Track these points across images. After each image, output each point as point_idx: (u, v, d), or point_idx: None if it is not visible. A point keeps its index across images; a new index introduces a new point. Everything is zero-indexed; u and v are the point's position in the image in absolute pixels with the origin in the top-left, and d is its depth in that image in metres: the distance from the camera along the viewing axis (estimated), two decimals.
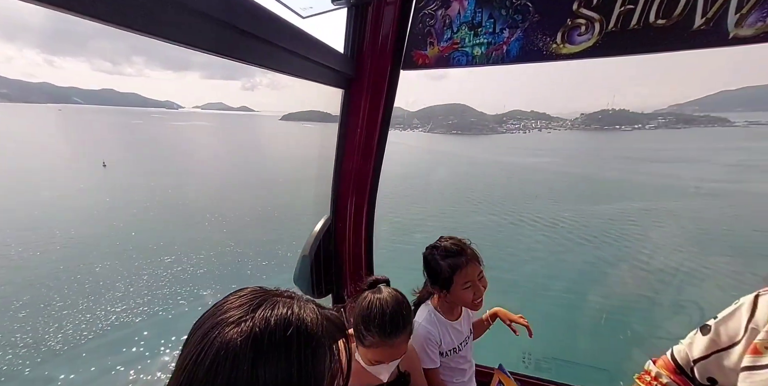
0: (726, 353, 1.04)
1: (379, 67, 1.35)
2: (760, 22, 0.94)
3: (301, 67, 1.05)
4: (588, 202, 29.72)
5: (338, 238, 1.48)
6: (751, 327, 0.99)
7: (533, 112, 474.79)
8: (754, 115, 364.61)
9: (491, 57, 1.34)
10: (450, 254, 1.12)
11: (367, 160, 1.48)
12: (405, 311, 0.97)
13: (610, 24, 1.12)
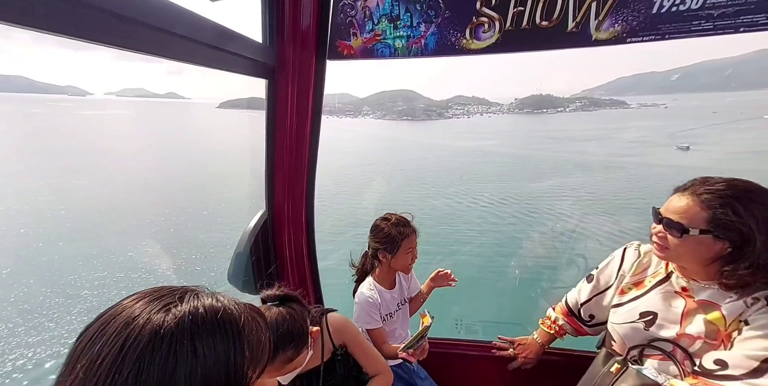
0: (603, 295, 1.32)
1: (304, 57, 1.33)
2: (611, 27, 1.15)
3: (212, 57, 0.99)
4: (524, 180, 33.10)
5: (277, 232, 1.48)
6: (620, 274, 1.27)
7: (474, 97, 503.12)
8: (643, 98, 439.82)
9: (412, 50, 1.41)
10: (401, 224, 1.38)
11: (301, 151, 1.48)
12: (282, 335, 0.88)
13: (507, 23, 1.26)
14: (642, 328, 1.10)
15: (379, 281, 1.44)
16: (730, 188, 0.94)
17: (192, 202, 25.23)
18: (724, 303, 0.97)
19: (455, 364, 1.58)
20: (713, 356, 0.95)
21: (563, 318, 1.43)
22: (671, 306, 1.07)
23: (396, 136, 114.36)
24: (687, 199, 0.98)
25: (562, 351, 1.45)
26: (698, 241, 0.95)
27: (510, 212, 22.56)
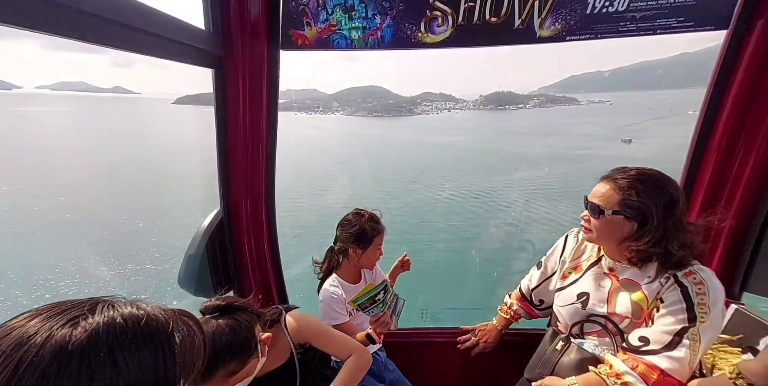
0: (549, 280, 1.42)
1: (255, 46, 1.26)
2: (553, 25, 1.22)
3: (151, 44, 0.91)
4: (492, 173, 34.61)
5: (234, 232, 1.41)
6: (562, 259, 1.37)
7: (441, 94, 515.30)
8: (591, 95, 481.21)
9: (368, 42, 1.39)
10: (374, 220, 1.39)
11: (257, 146, 1.41)
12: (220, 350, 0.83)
13: (459, 18, 1.29)
14: (580, 308, 1.20)
15: (342, 276, 1.43)
16: (639, 174, 1.06)
17: (143, 205, 23.26)
18: (643, 283, 1.08)
19: (422, 352, 1.63)
20: (638, 333, 1.06)
21: (517, 303, 1.53)
22: (600, 285, 1.18)
23: (368, 132, 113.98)
24: (607, 185, 1.09)
25: (517, 331, 1.55)
26: (612, 221, 1.06)
27: (476, 203, 23.58)
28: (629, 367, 1.01)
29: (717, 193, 1.29)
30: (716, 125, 1.24)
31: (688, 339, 0.97)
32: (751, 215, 1.25)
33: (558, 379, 1.14)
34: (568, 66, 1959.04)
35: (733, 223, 1.27)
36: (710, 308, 0.98)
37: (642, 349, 1.03)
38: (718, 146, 1.25)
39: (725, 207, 1.27)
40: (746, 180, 1.22)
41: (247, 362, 0.88)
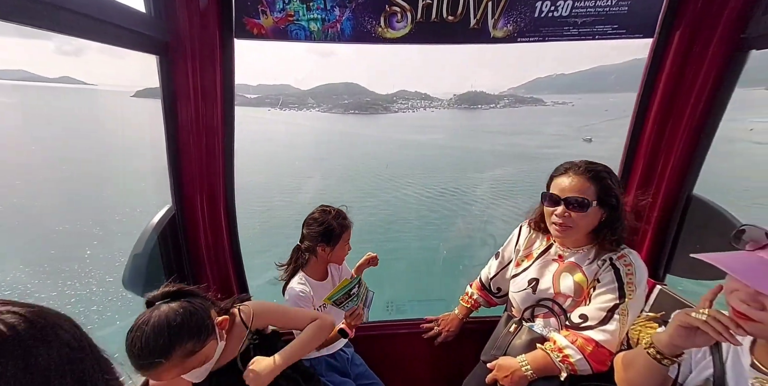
0: (506, 269, 1.50)
1: (205, 33, 1.19)
2: (505, 26, 1.28)
3: (87, 27, 0.84)
4: (468, 170, 35.54)
5: (189, 230, 1.34)
6: (517, 249, 1.45)
7: (417, 92, 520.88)
8: (556, 96, 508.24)
9: (328, 34, 1.37)
10: (341, 216, 1.36)
11: (213, 139, 1.34)
12: (174, 329, 0.80)
13: (418, 15, 1.31)
14: (531, 293, 1.29)
15: (310, 274, 1.41)
16: (599, 165, 1.15)
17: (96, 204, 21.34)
18: (584, 265, 1.18)
19: (388, 344, 1.65)
20: (578, 311, 1.16)
21: (477, 293, 1.60)
22: (547, 270, 1.27)
23: (345, 129, 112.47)
24: (576, 178, 1.13)
25: (477, 319, 1.63)
26: (594, 212, 1.12)
27: (449, 200, 24.21)
28: (570, 342, 1.11)
29: (648, 186, 1.44)
30: (645, 125, 1.38)
31: (618, 314, 1.08)
32: (673, 207, 1.40)
33: (510, 358, 1.22)
34: (534, 68, 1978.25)
35: (660, 214, 1.41)
36: (636, 286, 1.10)
37: (582, 326, 1.13)
38: (647, 144, 1.39)
39: (653, 199, 1.42)
40: (669, 175, 1.37)
41: (205, 343, 0.85)
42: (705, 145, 1.31)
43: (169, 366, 0.80)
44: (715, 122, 1.27)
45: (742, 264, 0.68)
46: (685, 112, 1.29)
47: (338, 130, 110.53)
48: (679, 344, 0.77)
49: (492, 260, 1.56)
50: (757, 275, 0.65)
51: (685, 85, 1.28)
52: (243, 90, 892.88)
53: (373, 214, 19.28)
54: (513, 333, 1.30)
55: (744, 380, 0.74)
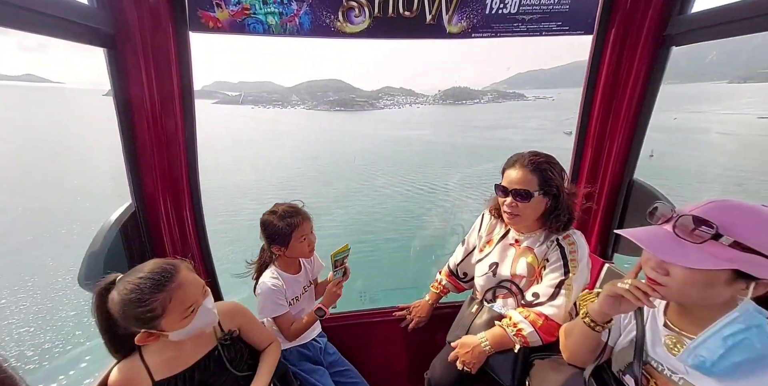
0: (471, 255, 1.57)
1: (157, 26, 1.17)
2: (459, 22, 1.32)
3: (24, 18, 0.82)
4: (457, 166, 35.68)
5: (153, 227, 1.33)
6: (480, 235, 1.53)
7: (402, 88, 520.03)
8: (537, 91, 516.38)
9: (287, 28, 1.38)
10: (287, 215, 1.31)
11: (173, 136, 1.33)
12: (158, 267, 0.90)
13: (375, 10, 1.33)
14: (491, 276, 1.37)
15: (282, 268, 1.41)
16: (542, 157, 1.23)
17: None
18: (535, 247, 1.27)
19: (362, 333, 1.70)
20: (531, 290, 1.25)
21: (446, 279, 1.67)
22: (506, 254, 1.36)
23: (332, 127, 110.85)
24: (521, 171, 1.21)
25: (446, 304, 1.70)
26: (538, 201, 1.21)
27: (436, 196, 24.41)
28: (523, 317, 1.20)
29: (596, 173, 1.54)
30: (591, 118, 1.48)
31: (564, 289, 1.18)
32: (617, 192, 1.51)
33: (471, 336, 1.30)
34: (515, 64, 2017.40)
35: (607, 197, 1.52)
36: (579, 262, 1.19)
37: (534, 302, 1.22)
38: (593, 135, 1.49)
39: (601, 185, 1.52)
40: (613, 162, 1.48)
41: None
42: (641, 134, 1.41)
43: (183, 273, 0.90)
44: (647, 114, 1.38)
45: (651, 237, 0.75)
46: (623, 105, 1.39)
47: (326, 127, 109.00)
48: (608, 311, 0.86)
49: (458, 248, 1.63)
50: (660, 245, 0.73)
51: (622, 80, 1.37)
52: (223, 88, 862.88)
53: (361, 210, 19.30)
54: (475, 313, 1.38)
55: (659, 338, 0.83)
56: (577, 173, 1.60)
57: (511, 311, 1.26)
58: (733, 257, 0.67)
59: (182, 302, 0.88)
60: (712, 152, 40.56)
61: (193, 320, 0.91)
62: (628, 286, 0.79)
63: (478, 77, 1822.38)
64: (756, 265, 0.66)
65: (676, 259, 0.70)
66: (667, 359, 0.81)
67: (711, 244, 0.69)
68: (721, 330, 0.68)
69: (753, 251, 0.67)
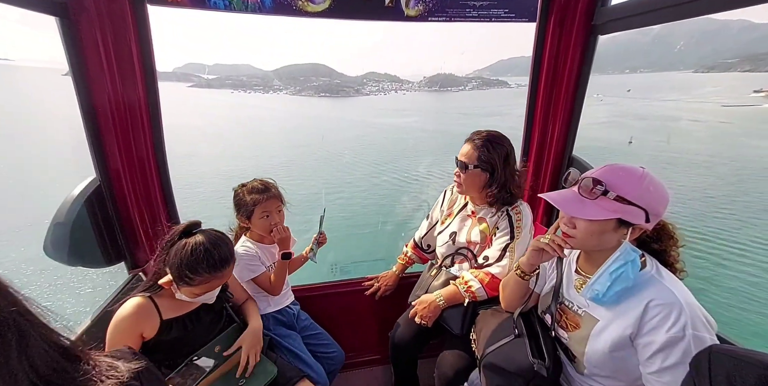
0: (434, 228, 1.70)
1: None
2: (416, 6, 1.37)
3: None
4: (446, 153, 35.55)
5: (118, 202, 1.36)
6: (442, 209, 1.66)
7: (387, 74, 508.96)
8: (518, 79, 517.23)
9: (248, 5, 1.39)
10: (255, 190, 1.38)
11: (135, 111, 1.34)
12: (228, 243, 1.09)
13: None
14: (451, 244, 1.51)
15: (254, 239, 1.49)
16: (487, 135, 1.36)
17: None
18: (488, 217, 1.42)
19: (333, 302, 1.82)
20: (483, 254, 1.40)
21: (411, 251, 1.80)
22: (464, 224, 1.50)
23: (319, 113, 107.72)
24: (468, 146, 1.36)
25: (411, 274, 1.83)
26: (474, 174, 1.35)
27: (439, 185, 24.48)
28: (473, 276, 1.35)
29: (542, 151, 1.71)
30: (537, 100, 1.62)
31: (509, 252, 1.33)
32: (560, 166, 1.68)
33: (429, 295, 1.44)
34: (496, 50, 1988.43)
35: (551, 171, 1.68)
36: (523, 229, 1.35)
37: (485, 264, 1.38)
38: (539, 116, 1.65)
39: (546, 162, 1.68)
40: (556, 140, 1.65)
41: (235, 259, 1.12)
42: (577, 115, 1.58)
43: (233, 265, 1.09)
44: (581, 97, 1.54)
45: (561, 197, 0.89)
46: (561, 88, 1.55)
47: (314, 114, 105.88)
48: (534, 262, 1.02)
49: (423, 222, 1.76)
50: (568, 203, 0.87)
51: (560, 66, 1.52)
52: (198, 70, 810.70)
53: (351, 199, 19.28)
54: (434, 276, 1.52)
55: (571, 282, 1.00)
56: (528, 152, 1.76)
57: (464, 272, 1.41)
58: (617, 209, 0.83)
59: (208, 288, 1.07)
60: (684, 139, 42.47)
61: (199, 297, 1.09)
62: (548, 240, 0.93)
63: (461, 64, 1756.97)
64: (632, 214, 0.83)
65: (577, 213, 0.86)
66: (576, 298, 0.97)
67: (602, 199, 0.85)
68: (608, 267, 0.84)
69: (631, 203, 0.83)
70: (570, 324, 0.97)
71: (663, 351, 0.79)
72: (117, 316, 1.01)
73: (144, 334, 1.04)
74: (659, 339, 0.79)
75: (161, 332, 1.06)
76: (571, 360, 0.99)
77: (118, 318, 1.01)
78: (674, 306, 0.79)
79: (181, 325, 1.10)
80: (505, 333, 1.09)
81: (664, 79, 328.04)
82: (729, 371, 0.61)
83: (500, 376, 1.00)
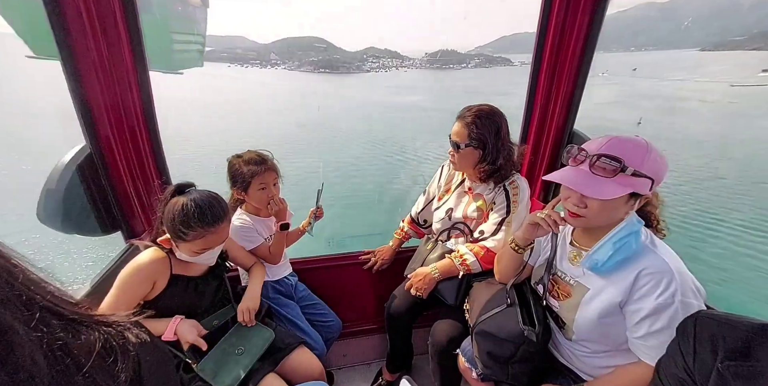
0: (431, 203, 1.68)
1: None
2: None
3: None
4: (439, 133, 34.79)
5: (111, 169, 1.33)
6: (439, 185, 1.64)
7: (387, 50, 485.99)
8: (521, 56, 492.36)
9: None
10: (252, 161, 1.34)
11: (123, 79, 1.28)
12: (221, 201, 1.09)
13: None
14: (447, 219, 1.50)
15: (250, 212, 1.47)
16: (477, 111, 1.31)
17: None
18: (485, 194, 1.40)
19: (330, 275, 1.85)
20: (479, 228, 1.40)
21: (408, 226, 1.80)
22: (461, 201, 1.48)
23: (321, 90, 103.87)
24: (459, 124, 1.32)
25: (408, 248, 1.85)
26: (467, 152, 1.32)
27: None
28: (468, 250, 1.36)
29: (543, 126, 1.68)
30: (539, 76, 1.59)
31: (505, 226, 1.33)
32: (560, 141, 1.65)
33: (424, 268, 1.46)
34: (498, 27, 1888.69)
35: (551, 147, 1.66)
36: (519, 203, 1.33)
37: (480, 238, 1.38)
38: (541, 92, 1.61)
39: (546, 138, 1.66)
40: (557, 115, 1.61)
41: (230, 218, 1.15)
42: (581, 89, 1.56)
43: (226, 223, 1.09)
44: (586, 72, 1.52)
45: (576, 178, 0.87)
46: (566, 62, 1.51)
47: (319, 91, 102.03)
48: (528, 236, 1.02)
49: (420, 197, 1.75)
50: (584, 184, 0.84)
51: (566, 37, 1.47)
52: None
53: (350, 176, 19.09)
54: (429, 250, 1.54)
55: (565, 253, 1.01)
56: (528, 128, 1.72)
57: (460, 246, 1.42)
58: (632, 183, 0.82)
59: (204, 244, 1.06)
60: (695, 119, 41.38)
61: (199, 256, 1.08)
62: (545, 216, 0.93)
63: (461, 40, 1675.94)
64: (643, 185, 0.82)
65: (597, 194, 0.82)
66: (569, 269, 0.97)
67: (620, 176, 0.82)
68: (612, 237, 0.84)
69: (644, 175, 0.81)
70: (561, 293, 0.99)
71: (650, 317, 0.81)
72: (134, 263, 1.03)
73: (156, 284, 1.07)
74: (648, 306, 0.81)
75: (169, 286, 1.09)
76: (560, 327, 1.02)
77: (135, 264, 1.03)
78: (665, 274, 0.80)
79: (185, 284, 1.13)
80: (497, 302, 1.11)
81: (670, 57, 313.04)
82: (712, 334, 0.62)
83: (491, 343, 1.03)
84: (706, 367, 0.61)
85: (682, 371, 0.64)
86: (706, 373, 0.60)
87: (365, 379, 1.86)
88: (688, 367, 0.63)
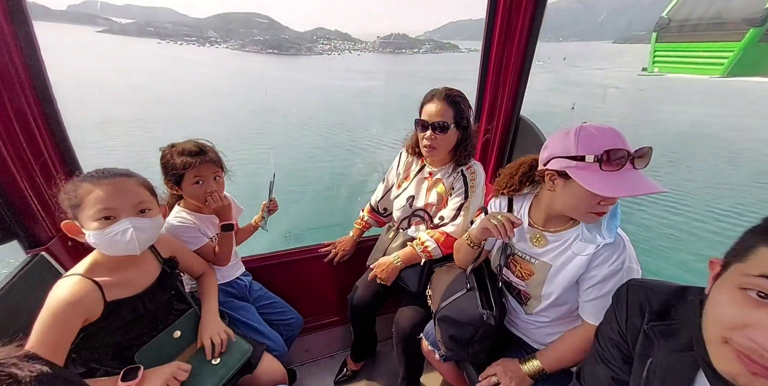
0: (390, 192, 1.64)
1: None
2: None
3: None
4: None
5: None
6: (398, 172, 1.60)
7: (337, 31, 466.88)
8: (468, 43, 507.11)
9: None
10: (186, 153, 1.19)
11: (4, 56, 1.00)
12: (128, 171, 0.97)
13: None
14: (408, 207, 1.49)
15: (190, 208, 1.32)
16: (454, 91, 1.29)
17: None
18: (444, 178, 1.40)
19: (288, 271, 1.75)
20: (439, 214, 1.41)
21: (368, 215, 1.76)
22: (421, 187, 1.47)
23: (273, 73, 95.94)
24: (439, 104, 1.26)
25: (368, 238, 1.82)
26: (453, 133, 1.30)
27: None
28: (429, 236, 1.37)
29: (493, 110, 1.72)
30: (489, 63, 1.62)
31: (463, 211, 1.35)
32: (509, 126, 1.75)
33: (387, 257, 1.45)
34: (445, 12, 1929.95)
35: (501, 132, 1.75)
36: (476, 187, 1.36)
37: (441, 224, 1.39)
38: (491, 79, 1.64)
39: (496, 122, 1.73)
40: (506, 102, 1.67)
41: (154, 195, 1.01)
42: (526, 76, 1.63)
43: (129, 179, 0.93)
44: (530, 58, 1.58)
45: (634, 182, 0.81)
46: (512, 53, 1.56)
47: (266, 74, 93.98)
48: (481, 237, 1.05)
49: (379, 185, 1.71)
50: (647, 184, 0.80)
51: (512, 30, 1.52)
52: (105, 11, 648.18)
53: (315, 164, 18.23)
54: (391, 238, 1.53)
55: (523, 235, 1.06)
56: (480, 112, 1.76)
57: (421, 232, 1.43)
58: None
59: (99, 201, 0.86)
60: (615, 104, 46.84)
61: (105, 229, 0.87)
62: (497, 222, 0.95)
63: (412, 24, 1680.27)
64: None
65: (658, 188, 0.79)
66: (529, 249, 1.03)
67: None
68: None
69: None
70: (524, 272, 1.05)
71: (601, 283, 0.90)
72: (51, 303, 0.83)
73: (87, 320, 0.88)
74: (602, 273, 0.90)
75: (105, 316, 0.90)
76: (521, 303, 1.09)
77: (52, 305, 0.82)
78: (619, 245, 0.89)
79: (130, 308, 0.95)
80: (458, 287, 1.15)
81: (591, 48, 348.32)
82: (641, 299, 0.69)
83: (453, 327, 1.07)
84: (635, 330, 0.68)
85: (617, 334, 0.71)
86: (636, 335, 0.67)
87: (330, 372, 1.84)
88: (622, 331, 0.70)
